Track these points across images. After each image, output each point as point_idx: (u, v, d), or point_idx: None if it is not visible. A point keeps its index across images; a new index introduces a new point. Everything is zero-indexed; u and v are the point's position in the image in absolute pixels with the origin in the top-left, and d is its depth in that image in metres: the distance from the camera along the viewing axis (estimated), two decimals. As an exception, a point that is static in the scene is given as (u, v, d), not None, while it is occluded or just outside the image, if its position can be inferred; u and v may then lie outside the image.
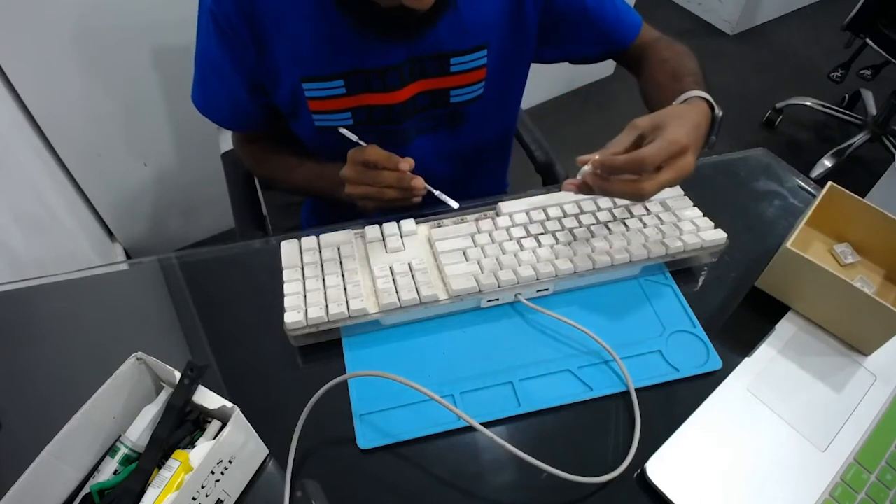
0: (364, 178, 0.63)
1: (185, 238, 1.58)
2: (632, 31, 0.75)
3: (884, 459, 0.49)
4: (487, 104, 0.74)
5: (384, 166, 0.61)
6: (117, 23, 1.12)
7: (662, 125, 0.54)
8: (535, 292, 0.58)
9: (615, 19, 0.73)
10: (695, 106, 0.59)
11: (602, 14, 0.72)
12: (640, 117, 0.56)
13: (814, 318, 0.58)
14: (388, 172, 0.62)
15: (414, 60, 0.66)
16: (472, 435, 0.49)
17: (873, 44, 1.64)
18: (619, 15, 0.73)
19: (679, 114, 0.56)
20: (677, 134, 0.53)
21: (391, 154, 0.62)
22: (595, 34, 0.73)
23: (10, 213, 0.97)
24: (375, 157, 0.61)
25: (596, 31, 0.73)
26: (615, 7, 0.73)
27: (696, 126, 0.56)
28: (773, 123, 2.00)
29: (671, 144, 0.52)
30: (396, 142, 0.73)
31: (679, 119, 0.55)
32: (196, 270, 0.63)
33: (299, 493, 0.44)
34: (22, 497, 0.39)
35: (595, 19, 0.72)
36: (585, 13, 0.71)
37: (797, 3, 2.54)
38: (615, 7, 0.73)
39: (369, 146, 0.62)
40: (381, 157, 0.61)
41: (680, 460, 0.48)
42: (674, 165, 0.53)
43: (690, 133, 0.54)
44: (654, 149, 0.52)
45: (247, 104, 0.70)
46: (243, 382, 0.53)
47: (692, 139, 0.54)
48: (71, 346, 0.57)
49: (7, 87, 1.10)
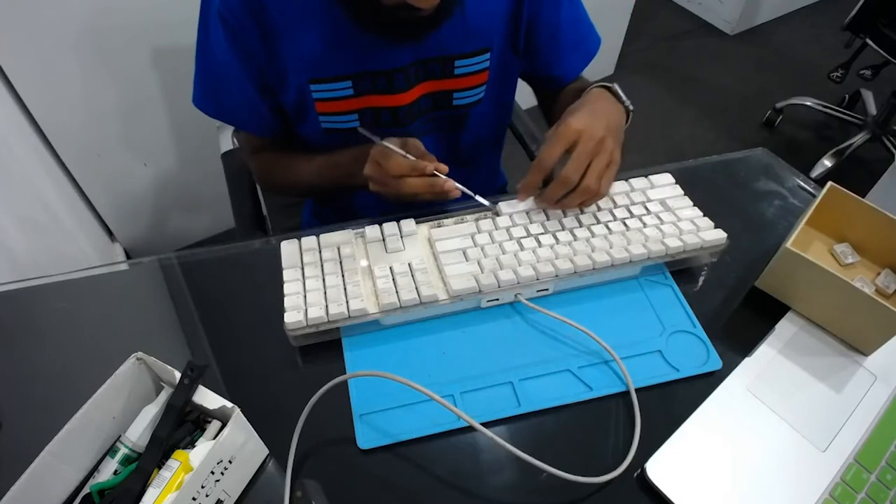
0: (390, 184, 0.60)
1: (185, 238, 1.58)
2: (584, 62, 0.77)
3: (884, 459, 0.49)
4: (487, 107, 0.74)
5: (410, 175, 0.58)
6: (117, 23, 1.12)
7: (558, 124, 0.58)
8: (535, 292, 0.58)
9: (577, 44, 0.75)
10: (589, 94, 0.63)
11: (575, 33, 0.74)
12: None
13: (814, 318, 0.58)
14: (414, 180, 0.58)
15: (419, 63, 0.66)
16: (472, 435, 0.49)
17: (873, 44, 1.64)
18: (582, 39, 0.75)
19: (571, 110, 0.60)
20: (564, 125, 0.57)
21: (416, 162, 0.58)
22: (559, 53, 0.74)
23: (10, 213, 0.97)
24: (399, 171, 0.58)
25: (555, 52, 0.74)
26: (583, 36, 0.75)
27: (591, 109, 0.60)
28: (773, 123, 2.00)
29: (560, 136, 0.56)
30: None
31: (569, 114, 0.59)
32: (196, 270, 0.63)
33: (299, 493, 0.44)
34: (22, 497, 0.39)
35: (560, 40, 0.73)
36: (555, 30, 0.72)
37: (797, 3, 2.54)
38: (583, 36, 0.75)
39: (393, 157, 0.59)
40: (406, 168, 0.58)
41: (680, 460, 0.48)
42: (583, 149, 0.56)
43: (581, 117, 0.57)
44: (544, 150, 0.57)
45: (259, 105, 0.69)
46: (243, 382, 0.53)
47: (585, 121, 0.57)
48: (71, 346, 0.57)
49: (7, 87, 1.10)
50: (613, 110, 0.62)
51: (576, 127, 0.56)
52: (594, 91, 0.64)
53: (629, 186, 0.66)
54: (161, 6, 1.13)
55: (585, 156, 0.56)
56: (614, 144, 0.59)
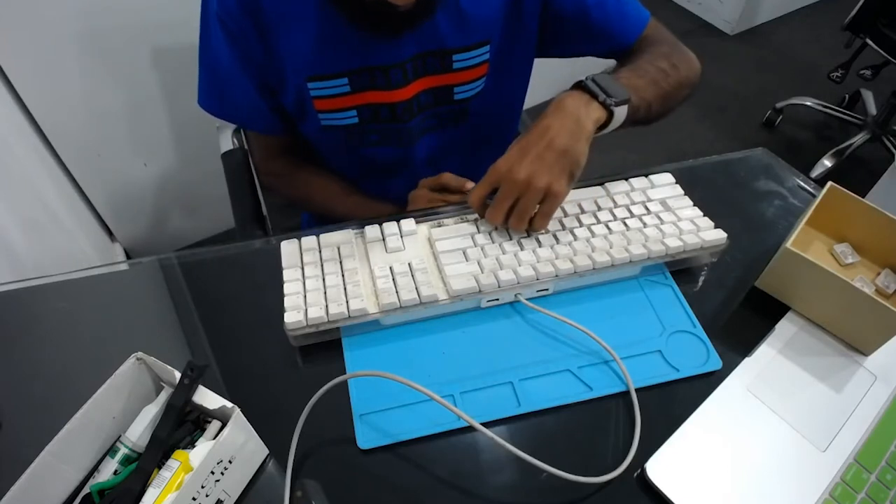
0: (432, 198, 0.69)
1: (185, 238, 1.58)
2: (636, 27, 0.73)
3: (884, 459, 0.49)
4: (489, 98, 0.74)
5: (453, 189, 0.69)
6: (117, 22, 1.12)
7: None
8: (535, 292, 0.58)
9: (618, 15, 0.71)
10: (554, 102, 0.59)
11: (604, 11, 0.70)
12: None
13: (814, 318, 0.57)
14: (453, 196, 0.69)
15: (417, 57, 0.66)
16: (472, 435, 0.49)
17: (873, 44, 1.64)
18: (623, 10, 0.72)
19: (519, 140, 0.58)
20: (491, 167, 0.57)
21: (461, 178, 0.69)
22: (597, 32, 0.72)
23: (10, 213, 0.97)
24: (447, 181, 0.69)
25: (598, 28, 0.71)
26: (619, 3, 0.71)
27: (531, 138, 0.57)
28: (773, 123, 2.00)
29: (484, 178, 0.58)
30: (403, 140, 0.73)
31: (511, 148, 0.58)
32: (196, 270, 0.63)
33: (299, 493, 0.44)
34: (22, 497, 0.39)
35: (597, 17, 0.70)
36: (586, 11, 0.70)
37: (797, 3, 2.54)
38: (619, 3, 0.71)
39: (444, 174, 0.70)
40: (453, 180, 0.69)
41: (680, 460, 0.48)
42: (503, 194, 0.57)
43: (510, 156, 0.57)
44: (472, 192, 0.60)
45: (261, 106, 0.70)
46: (243, 382, 0.53)
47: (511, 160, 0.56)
48: (71, 346, 0.57)
49: (7, 87, 1.10)
50: (570, 123, 0.57)
51: (498, 169, 0.57)
52: (559, 97, 0.59)
53: (629, 186, 0.66)
54: (161, 6, 1.13)
55: (505, 200, 0.57)
56: (554, 174, 0.55)
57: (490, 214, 0.59)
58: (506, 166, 0.56)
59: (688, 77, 0.69)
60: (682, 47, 0.72)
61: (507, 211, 0.57)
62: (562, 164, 0.56)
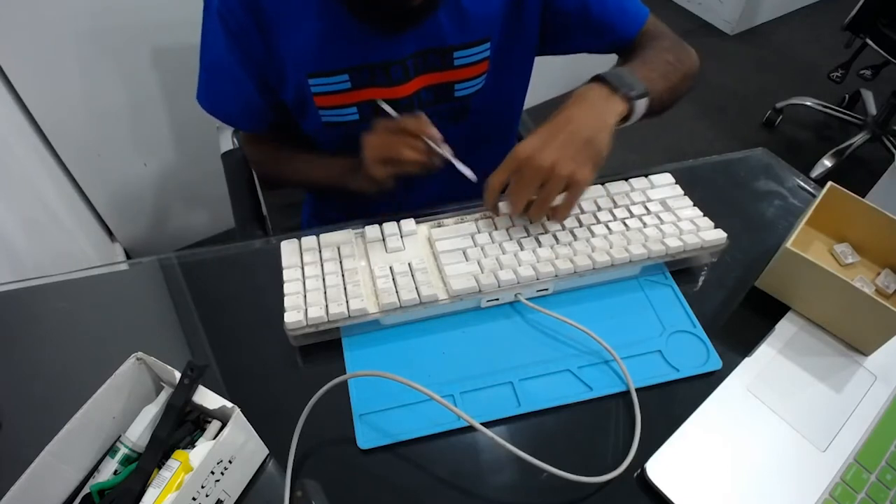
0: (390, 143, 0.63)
1: (185, 238, 1.58)
2: (636, 21, 0.73)
3: (884, 459, 0.49)
4: (489, 95, 0.74)
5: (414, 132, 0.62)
6: (117, 22, 1.12)
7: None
8: (535, 292, 0.58)
9: (618, 10, 0.72)
10: (575, 94, 0.59)
11: (603, 6, 0.70)
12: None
13: (814, 318, 0.58)
14: (413, 140, 0.62)
15: (417, 54, 0.66)
16: (472, 435, 0.49)
17: (873, 44, 1.64)
18: (623, 6, 0.72)
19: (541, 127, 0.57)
20: (512, 151, 0.56)
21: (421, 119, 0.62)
22: (597, 26, 0.72)
23: (10, 213, 0.97)
24: (406, 125, 0.62)
25: (598, 22, 0.71)
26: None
27: (558, 122, 0.56)
28: (773, 123, 2.00)
29: (505, 163, 0.56)
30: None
31: (533, 135, 0.56)
32: (196, 270, 0.63)
33: (299, 493, 0.44)
34: (22, 497, 0.39)
35: (597, 12, 0.70)
36: (586, 7, 0.70)
37: (797, 3, 2.54)
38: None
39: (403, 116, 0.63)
40: (412, 123, 0.62)
41: (680, 460, 0.48)
42: (523, 181, 0.55)
43: (534, 140, 0.56)
44: (491, 176, 0.57)
45: (257, 103, 0.70)
46: (243, 382, 0.53)
47: (535, 145, 0.55)
48: (71, 346, 0.57)
49: (7, 87, 1.10)
50: (594, 114, 0.57)
51: (520, 155, 0.55)
52: (581, 90, 0.59)
53: (629, 186, 0.66)
54: (161, 6, 1.13)
55: (527, 187, 0.55)
56: (579, 162, 0.55)
57: (511, 200, 0.57)
58: (528, 152, 0.54)
59: (691, 70, 0.70)
60: (681, 42, 0.73)
61: (524, 202, 0.56)
62: (586, 152, 0.55)
